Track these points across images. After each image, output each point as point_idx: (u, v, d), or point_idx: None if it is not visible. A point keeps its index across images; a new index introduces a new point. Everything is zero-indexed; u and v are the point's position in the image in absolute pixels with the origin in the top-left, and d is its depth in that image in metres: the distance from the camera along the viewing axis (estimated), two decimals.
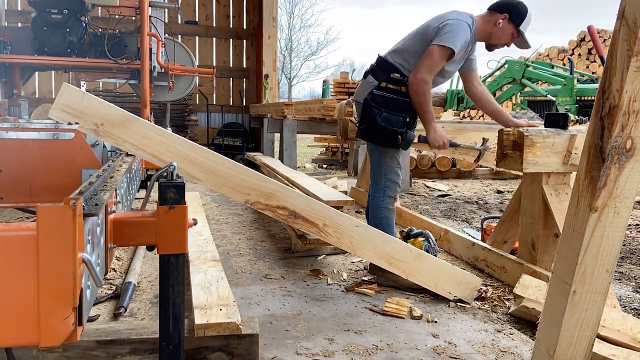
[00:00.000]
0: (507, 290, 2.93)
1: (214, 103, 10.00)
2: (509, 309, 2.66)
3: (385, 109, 2.83)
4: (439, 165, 8.50)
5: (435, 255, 3.03)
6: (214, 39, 10.28)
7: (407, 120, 2.86)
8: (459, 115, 14.06)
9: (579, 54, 13.88)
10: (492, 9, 2.94)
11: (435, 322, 2.47)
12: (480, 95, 3.22)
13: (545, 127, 2.88)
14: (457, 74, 3.20)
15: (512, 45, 3.02)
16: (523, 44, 2.98)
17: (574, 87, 9.13)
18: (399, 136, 2.83)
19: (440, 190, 7.37)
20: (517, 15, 2.88)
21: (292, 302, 2.69)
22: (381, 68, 2.94)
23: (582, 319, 1.49)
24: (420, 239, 3.11)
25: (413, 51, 2.90)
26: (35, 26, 4.97)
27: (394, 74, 2.89)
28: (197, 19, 9.97)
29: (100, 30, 5.42)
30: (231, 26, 10.35)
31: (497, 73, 11.16)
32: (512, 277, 2.92)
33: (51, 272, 0.89)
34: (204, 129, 9.43)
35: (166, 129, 4.26)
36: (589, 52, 13.56)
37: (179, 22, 9.43)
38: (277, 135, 7.80)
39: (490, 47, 3.03)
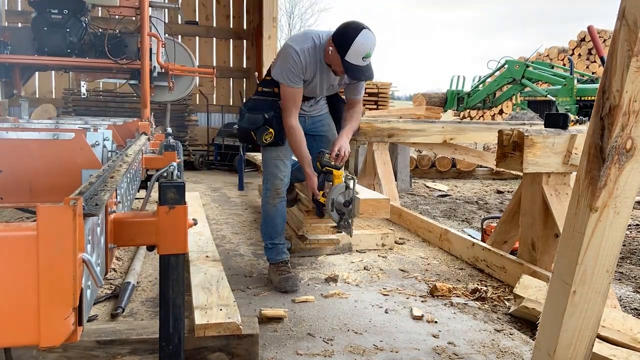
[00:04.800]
0: (507, 290, 2.93)
1: (214, 103, 9.99)
2: (509, 309, 2.66)
3: (248, 111, 2.85)
4: (439, 165, 8.50)
5: (351, 202, 2.78)
6: (214, 39, 10.28)
7: (266, 116, 2.78)
8: (459, 116, 14.07)
9: (579, 54, 13.88)
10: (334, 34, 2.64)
11: (435, 322, 2.47)
12: (344, 116, 3.01)
13: (545, 127, 2.87)
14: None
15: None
16: (351, 75, 2.66)
17: (574, 87, 9.14)
18: (252, 132, 2.82)
19: (440, 191, 7.38)
20: (341, 45, 2.54)
21: (292, 301, 2.69)
22: (267, 71, 2.96)
23: (582, 319, 1.49)
24: (342, 172, 2.86)
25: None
26: (35, 26, 4.97)
27: (267, 76, 2.89)
28: (197, 19, 9.97)
29: (100, 30, 5.42)
30: (231, 26, 10.35)
31: (497, 73, 11.17)
32: (512, 277, 2.92)
33: (51, 272, 0.89)
34: (204, 129, 9.43)
35: (166, 129, 4.26)
36: (589, 52, 13.56)
37: (179, 22, 9.43)
38: None
39: (334, 73, 2.75)
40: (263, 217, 3.03)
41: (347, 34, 2.56)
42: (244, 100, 10.63)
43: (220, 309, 2.08)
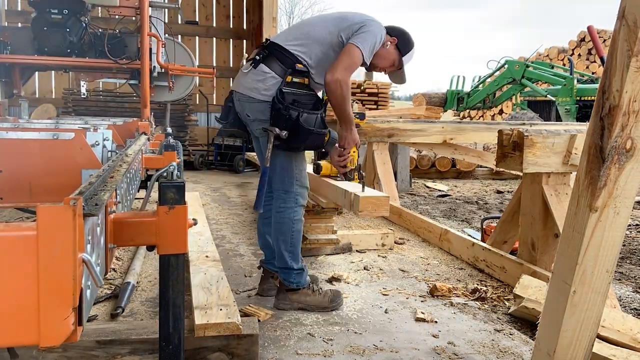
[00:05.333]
0: (507, 290, 2.93)
1: (214, 103, 9.99)
2: (509, 309, 2.66)
3: (304, 110, 2.39)
4: (439, 165, 8.50)
5: (350, 176, 2.86)
6: (214, 39, 10.29)
7: (322, 117, 2.48)
8: (459, 116, 14.07)
9: (579, 54, 13.88)
10: (386, 28, 2.65)
11: (436, 322, 2.47)
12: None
13: None
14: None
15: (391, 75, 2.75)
16: (400, 76, 2.74)
17: (574, 87, 9.14)
18: (325, 138, 2.47)
19: (440, 191, 7.38)
20: (405, 44, 2.65)
21: None
22: (280, 58, 2.46)
23: (582, 319, 1.49)
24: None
25: (317, 41, 2.49)
26: (35, 26, 4.97)
27: (297, 64, 2.44)
28: (197, 19, 9.97)
29: (100, 30, 5.42)
30: (231, 26, 10.36)
31: (497, 73, 11.17)
32: (512, 277, 2.92)
33: (51, 272, 0.89)
34: (204, 129, 9.43)
35: (166, 129, 4.26)
36: (589, 52, 13.56)
37: (179, 22, 9.43)
38: None
39: (370, 66, 2.65)
40: (292, 241, 2.55)
41: (409, 37, 2.70)
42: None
43: (220, 309, 2.08)
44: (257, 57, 2.51)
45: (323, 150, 2.66)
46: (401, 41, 2.66)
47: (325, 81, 2.41)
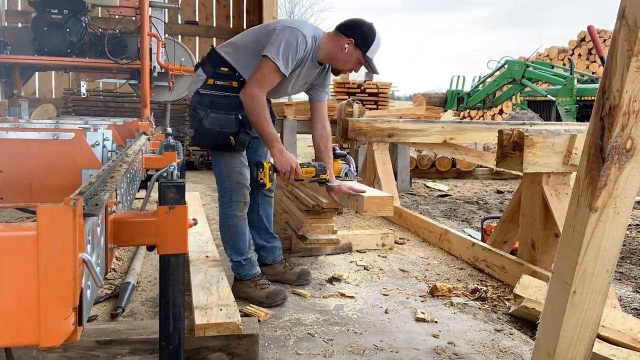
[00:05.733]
0: (507, 290, 2.93)
1: None
2: (509, 309, 2.66)
3: (212, 110, 2.49)
4: (439, 165, 8.50)
5: (353, 178, 2.94)
6: (214, 39, 10.28)
7: (240, 117, 2.51)
8: (459, 116, 14.08)
9: (579, 54, 13.89)
10: (339, 29, 2.63)
11: (436, 322, 2.47)
12: (318, 140, 2.83)
13: None
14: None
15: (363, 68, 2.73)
16: (370, 69, 2.71)
17: (574, 87, 9.14)
18: (231, 137, 2.50)
19: (440, 190, 7.38)
20: (364, 40, 2.58)
21: (292, 301, 2.69)
22: (211, 62, 2.60)
23: (582, 319, 1.49)
24: (340, 161, 3.00)
25: (244, 46, 2.59)
26: (36, 26, 4.98)
27: (221, 67, 2.55)
28: (197, 19, 9.98)
29: (100, 30, 5.42)
30: (231, 26, 10.35)
31: (497, 73, 11.18)
32: (512, 277, 2.92)
33: (51, 272, 0.89)
34: None
35: (166, 129, 4.26)
36: (589, 52, 13.57)
37: (179, 22, 9.43)
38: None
39: (335, 71, 2.74)
40: (231, 234, 2.69)
41: (366, 30, 2.61)
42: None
43: (220, 309, 2.08)
44: (198, 62, 2.70)
45: (236, 150, 2.60)
46: (359, 39, 2.58)
47: (238, 78, 2.53)
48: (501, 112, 15.02)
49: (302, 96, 3.05)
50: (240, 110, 2.53)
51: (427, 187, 7.69)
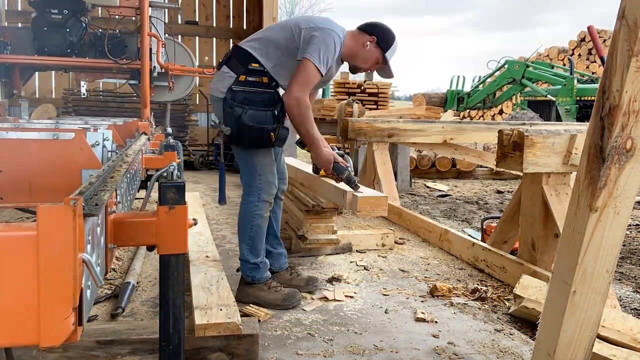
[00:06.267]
0: (507, 290, 2.93)
1: None
2: (509, 309, 2.66)
3: (250, 106, 2.49)
4: (439, 165, 8.50)
5: (355, 183, 2.83)
6: (214, 39, 10.29)
7: (276, 113, 2.54)
8: (459, 116, 14.07)
9: (579, 54, 13.89)
10: (361, 28, 2.68)
11: (436, 322, 2.47)
12: None
13: None
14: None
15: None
16: (387, 71, 2.75)
17: (574, 87, 9.14)
18: (272, 133, 2.50)
19: (440, 191, 7.38)
20: (385, 40, 2.64)
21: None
22: (238, 58, 2.57)
23: (582, 319, 1.49)
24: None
25: (274, 43, 2.57)
26: (35, 26, 4.98)
27: (251, 64, 2.54)
28: (197, 19, 9.97)
29: (100, 30, 5.42)
30: (231, 26, 10.35)
31: (497, 73, 11.17)
32: (512, 277, 2.92)
33: (51, 272, 0.89)
34: (204, 129, 9.43)
35: (166, 129, 4.26)
36: (589, 52, 13.56)
37: (179, 22, 9.43)
38: None
39: (353, 69, 2.76)
40: (251, 235, 2.62)
41: (388, 32, 2.67)
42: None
43: (220, 309, 2.08)
44: (222, 60, 2.66)
45: (276, 146, 2.61)
46: (381, 38, 2.65)
47: (285, 101, 2.51)
48: (501, 112, 15.02)
49: None
50: (275, 105, 2.55)
51: (427, 187, 7.69)
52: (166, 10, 6.40)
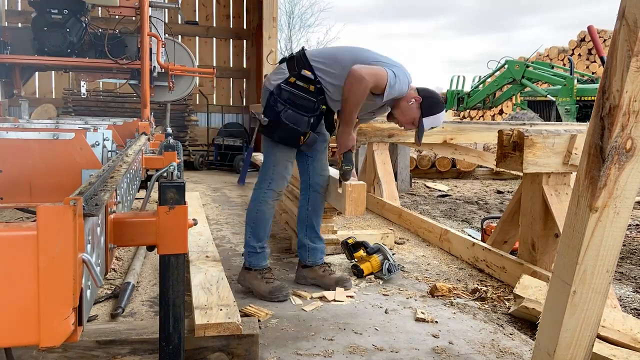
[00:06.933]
0: (507, 290, 2.93)
1: (214, 103, 9.99)
2: (509, 309, 2.66)
3: (291, 106, 2.63)
4: (439, 165, 8.50)
5: (396, 272, 3.07)
6: (214, 39, 10.28)
7: (312, 121, 2.66)
8: (459, 116, 14.08)
9: (579, 54, 13.88)
10: (417, 88, 2.78)
11: (436, 322, 2.47)
12: None
13: None
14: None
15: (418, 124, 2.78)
16: (417, 137, 2.82)
17: (574, 88, 9.14)
18: (302, 137, 2.65)
19: (440, 191, 7.38)
20: (429, 107, 2.73)
21: (292, 301, 2.69)
22: (297, 61, 2.72)
23: (582, 319, 1.49)
24: (376, 256, 3.10)
25: (339, 63, 2.68)
26: (35, 26, 4.97)
27: (305, 70, 2.67)
28: (197, 19, 9.96)
29: (100, 30, 5.42)
30: (231, 26, 10.35)
31: (498, 73, 11.17)
32: (512, 277, 2.92)
33: (51, 272, 0.89)
34: (204, 129, 9.43)
35: (166, 129, 4.26)
36: (589, 52, 13.56)
37: (179, 22, 9.42)
38: None
39: (389, 117, 2.88)
40: (255, 219, 2.79)
41: (436, 102, 2.78)
42: (244, 101, 10.69)
43: (220, 309, 2.08)
44: (286, 56, 2.81)
45: (302, 149, 2.75)
46: (426, 102, 2.73)
47: (349, 71, 2.55)
48: (501, 112, 15.02)
49: None
50: (313, 113, 2.67)
51: (427, 187, 7.69)
52: (166, 10, 6.39)
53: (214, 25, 10.27)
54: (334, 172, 2.96)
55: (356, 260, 3.16)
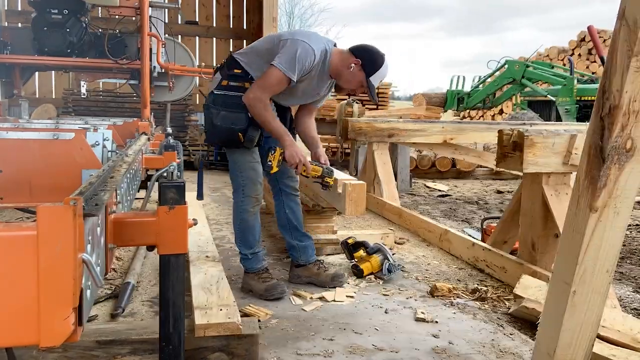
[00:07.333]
0: (507, 290, 2.93)
1: None
2: (509, 309, 2.66)
3: (224, 108, 2.61)
4: (439, 165, 8.50)
5: (396, 272, 3.07)
6: (214, 39, 10.28)
7: (250, 116, 2.59)
8: (459, 116, 14.07)
9: (579, 54, 13.88)
10: (351, 50, 2.69)
11: (436, 322, 2.47)
12: (309, 132, 2.94)
13: None
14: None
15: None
16: (371, 96, 2.74)
17: (574, 87, 9.13)
18: (239, 134, 2.59)
19: (440, 191, 7.38)
20: (371, 64, 2.63)
21: (292, 302, 2.69)
22: (227, 64, 2.72)
23: (582, 319, 1.49)
24: (377, 256, 3.10)
25: (257, 52, 2.69)
26: (36, 26, 4.97)
27: (234, 70, 2.67)
28: (197, 19, 9.97)
29: (100, 30, 5.42)
30: (231, 26, 10.35)
31: (497, 73, 11.16)
32: (512, 277, 2.92)
33: (51, 272, 0.89)
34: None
35: (166, 129, 4.26)
36: (589, 52, 13.55)
37: (179, 22, 9.43)
38: None
39: (337, 88, 2.81)
40: (241, 228, 2.80)
41: (375, 56, 2.67)
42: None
43: (220, 309, 2.08)
44: (217, 66, 2.82)
45: (245, 146, 2.67)
46: (366, 61, 2.63)
47: (249, 81, 2.61)
48: (501, 112, 15.01)
49: None
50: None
51: (427, 187, 7.69)
52: (166, 10, 6.40)
53: (214, 25, 10.27)
54: (336, 173, 2.91)
55: (356, 260, 3.16)
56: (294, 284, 2.94)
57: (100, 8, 7.49)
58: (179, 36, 9.23)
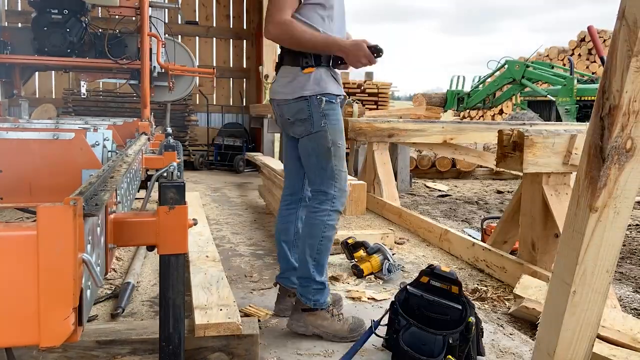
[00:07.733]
0: (507, 290, 2.93)
1: (214, 103, 10.00)
2: (509, 309, 2.66)
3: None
4: (439, 165, 8.50)
5: (396, 272, 3.05)
6: (214, 39, 10.28)
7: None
8: (459, 116, 14.07)
9: (579, 54, 13.88)
10: None
11: None
12: None
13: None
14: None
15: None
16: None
17: (574, 88, 9.13)
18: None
19: (440, 190, 7.38)
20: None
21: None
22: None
23: (582, 319, 1.49)
24: (377, 256, 3.10)
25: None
26: (35, 26, 4.97)
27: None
28: (197, 19, 9.97)
29: (100, 30, 5.42)
30: (231, 26, 10.35)
31: (497, 73, 11.16)
32: (512, 277, 2.92)
33: (51, 272, 0.89)
34: (204, 129, 9.44)
35: (166, 129, 4.26)
36: (589, 52, 13.55)
37: (179, 22, 9.43)
38: (277, 136, 7.82)
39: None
40: (321, 248, 2.27)
41: None
42: (244, 101, 10.67)
43: (220, 309, 2.08)
44: (277, 62, 2.41)
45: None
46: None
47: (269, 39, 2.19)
48: (501, 112, 15.01)
49: None
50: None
51: (427, 187, 7.69)
52: (166, 10, 6.40)
53: (214, 25, 10.27)
54: None
55: (356, 260, 3.16)
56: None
57: (100, 8, 7.49)
58: (179, 36, 9.24)
